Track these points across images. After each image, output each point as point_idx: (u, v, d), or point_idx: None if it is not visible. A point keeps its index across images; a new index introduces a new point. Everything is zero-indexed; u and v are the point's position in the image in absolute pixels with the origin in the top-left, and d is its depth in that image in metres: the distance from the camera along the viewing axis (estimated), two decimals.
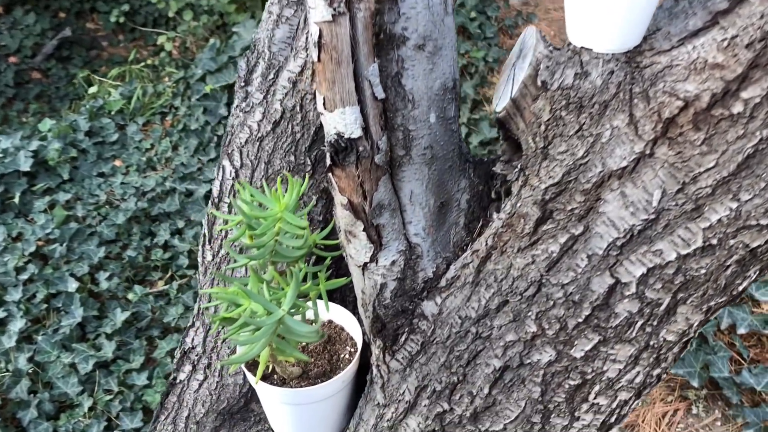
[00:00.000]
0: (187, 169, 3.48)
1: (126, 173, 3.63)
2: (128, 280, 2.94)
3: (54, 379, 2.47)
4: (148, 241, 3.13)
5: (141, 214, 3.27)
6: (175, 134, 3.78)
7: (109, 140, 3.87)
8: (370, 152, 0.94)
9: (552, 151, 0.85)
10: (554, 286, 0.86)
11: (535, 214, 0.87)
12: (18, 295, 2.76)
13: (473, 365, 0.93)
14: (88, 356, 2.53)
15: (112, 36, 6.88)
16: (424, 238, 1.03)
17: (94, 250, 3.02)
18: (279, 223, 0.86)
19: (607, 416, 0.94)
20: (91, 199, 3.37)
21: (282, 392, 1.04)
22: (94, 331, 2.67)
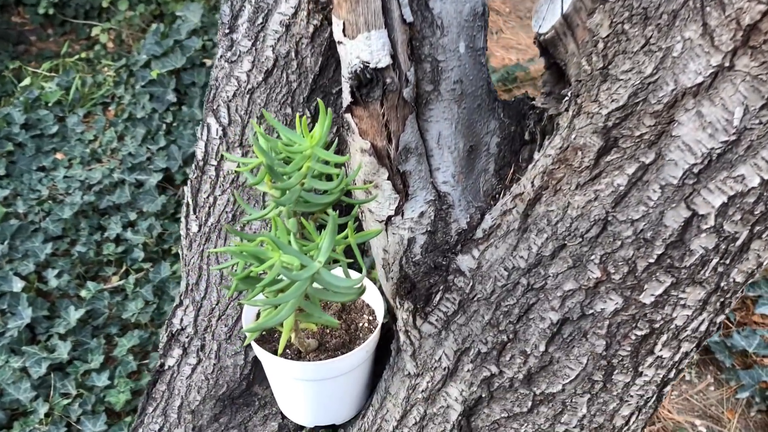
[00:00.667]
0: (136, 159, 3.28)
1: (69, 166, 3.41)
2: (80, 277, 2.75)
3: (4, 385, 2.27)
4: (99, 236, 2.93)
5: (88, 208, 3.07)
6: (119, 124, 3.56)
7: (48, 133, 3.63)
8: (398, 84, 0.83)
9: (614, 71, 0.75)
10: (622, 224, 0.76)
11: (596, 143, 0.76)
12: None
13: (525, 321, 0.83)
14: (41, 359, 2.33)
15: (40, 30, 6.54)
16: (454, 186, 0.92)
17: (40, 247, 2.81)
18: (308, 163, 0.73)
19: (668, 371, 0.85)
20: (32, 194, 3.15)
21: (302, 367, 0.91)
22: (46, 332, 2.47)
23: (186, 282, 1.14)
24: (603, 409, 0.85)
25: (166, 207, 3.03)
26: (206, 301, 1.11)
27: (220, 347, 1.10)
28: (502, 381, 0.85)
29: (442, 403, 0.90)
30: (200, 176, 1.16)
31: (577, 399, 0.84)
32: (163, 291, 2.63)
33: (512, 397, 0.85)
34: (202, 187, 1.16)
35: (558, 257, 0.80)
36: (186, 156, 3.23)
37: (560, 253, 0.80)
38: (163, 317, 2.54)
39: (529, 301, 0.83)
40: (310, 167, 0.73)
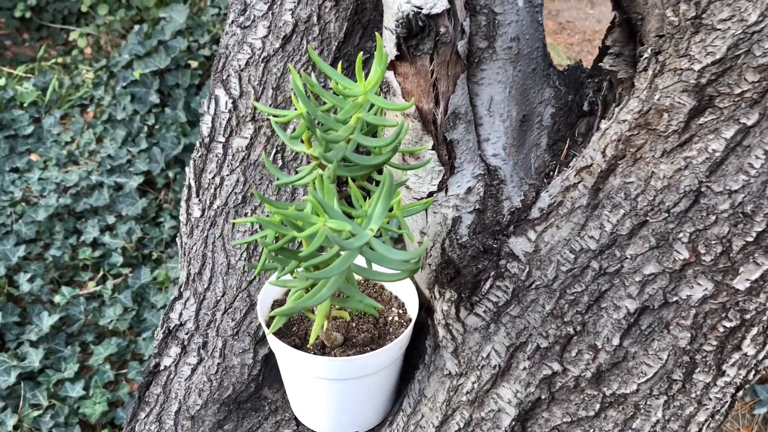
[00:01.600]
0: (116, 161, 3.13)
1: (44, 168, 3.25)
2: (53, 282, 2.58)
3: None
4: (75, 240, 2.78)
5: (64, 211, 2.91)
6: (98, 126, 3.41)
7: (22, 133, 3.47)
8: (452, 35, 0.72)
9: (708, 20, 0.65)
10: (718, 196, 0.65)
11: (687, 103, 0.66)
12: None
13: (596, 310, 0.72)
14: (10, 367, 2.17)
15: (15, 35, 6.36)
16: (505, 160, 0.81)
17: (11, 249, 2.65)
18: (358, 113, 0.61)
19: (748, 371, 0.74)
20: (4, 196, 2.98)
21: (327, 363, 0.79)
22: (16, 338, 2.31)
23: (187, 272, 1.01)
24: (678, 413, 0.73)
25: (147, 210, 2.88)
26: (210, 292, 0.99)
27: (226, 344, 0.97)
28: (566, 380, 0.74)
29: (491, 406, 0.78)
30: (205, 155, 1.04)
31: (651, 401, 0.72)
32: (143, 297, 2.48)
33: (577, 399, 0.74)
34: (207, 166, 1.04)
35: (637, 236, 0.70)
36: (169, 159, 3.09)
37: (640, 231, 0.69)
38: (143, 324, 2.39)
39: (601, 288, 0.71)
40: (361, 119, 0.62)
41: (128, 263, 2.65)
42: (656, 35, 0.71)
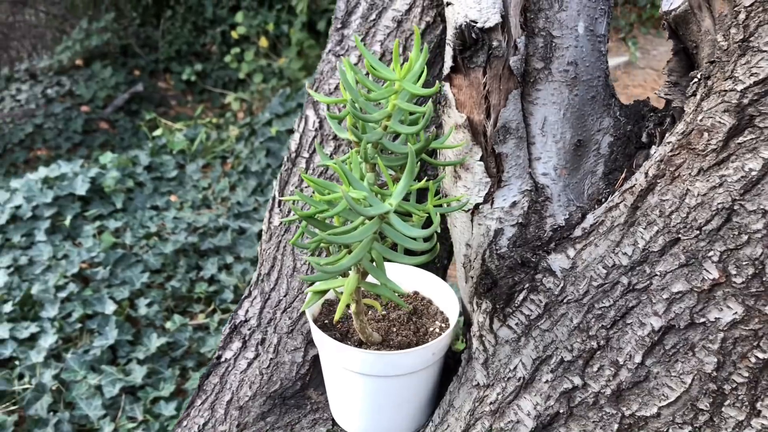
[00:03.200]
0: (243, 207, 3.35)
1: (180, 208, 3.52)
2: (168, 310, 2.76)
3: (77, 399, 2.26)
4: (194, 274, 2.97)
5: (190, 248, 3.13)
6: (234, 175, 3.68)
7: (167, 176, 3.79)
8: (505, 50, 0.76)
9: (756, 43, 0.65)
10: (751, 215, 0.64)
11: (727, 123, 0.66)
12: (54, 312, 2.60)
13: (621, 326, 0.71)
14: (116, 379, 2.32)
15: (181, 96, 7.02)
16: (555, 180, 0.82)
17: (138, 276, 2.87)
18: (394, 99, 0.67)
19: None
20: (141, 229, 3.25)
21: (360, 356, 0.81)
22: (126, 355, 2.48)
23: (258, 273, 1.08)
24: None
25: None
26: (275, 292, 1.05)
27: (280, 341, 1.02)
28: (586, 396, 0.72)
29: (511, 417, 0.77)
30: (290, 169, 1.12)
31: (674, 430, 0.69)
32: None
33: (595, 417, 0.72)
34: (291, 179, 1.12)
35: (668, 253, 0.69)
36: None
37: (672, 249, 0.69)
38: None
39: (629, 304, 0.71)
40: (396, 105, 0.67)
41: (237, 300, 2.80)
42: (708, 61, 0.72)
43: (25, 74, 6.74)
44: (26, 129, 5.77)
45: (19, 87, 6.49)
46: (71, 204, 3.37)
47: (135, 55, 6.97)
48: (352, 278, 0.72)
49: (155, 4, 6.72)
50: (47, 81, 6.51)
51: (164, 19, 6.85)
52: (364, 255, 0.66)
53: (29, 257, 2.98)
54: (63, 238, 3.22)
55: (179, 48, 6.82)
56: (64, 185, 3.36)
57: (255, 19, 6.06)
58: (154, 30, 7.01)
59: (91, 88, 6.51)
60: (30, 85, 6.52)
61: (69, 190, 3.37)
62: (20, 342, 2.48)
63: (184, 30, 6.79)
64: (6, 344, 2.46)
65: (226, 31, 6.46)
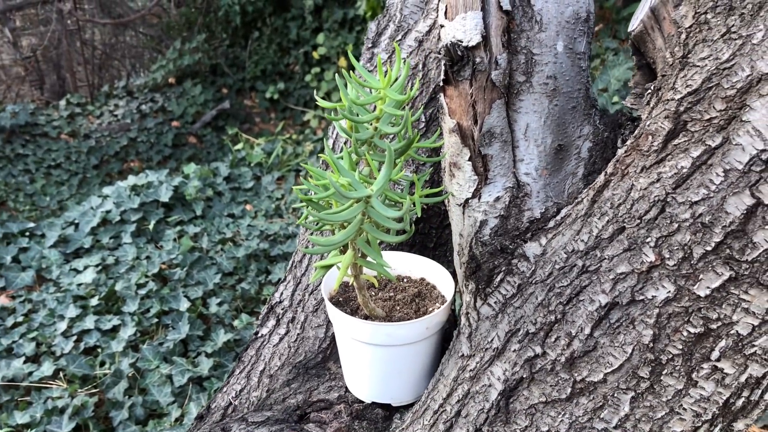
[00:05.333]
0: None
1: (254, 217, 3.75)
2: (237, 309, 2.97)
3: (150, 386, 2.48)
4: (263, 278, 3.17)
5: (261, 253, 3.33)
6: None
7: (244, 187, 4.03)
8: (487, 66, 0.89)
9: (692, 58, 0.76)
10: (680, 206, 0.74)
11: (666, 127, 0.77)
12: (134, 307, 2.84)
13: (575, 302, 0.81)
14: (185, 370, 2.53)
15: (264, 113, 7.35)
16: (536, 179, 0.94)
17: (211, 277, 3.09)
18: (380, 104, 0.80)
19: (733, 394, 0.78)
20: (217, 235, 3.48)
21: (363, 326, 0.95)
22: (196, 349, 2.69)
23: (292, 260, 1.23)
24: (649, 415, 0.79)
25: None
26: (305, 277, 1.19)
27: (306, 319, 1.16)
28: (545, 363, 0.83)
29: (485, 381, 0.89)
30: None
31: (620, 395, 0.79)
32: None
33: (552, 381, 0.83)
34: None
35: (615, 239, 0.79)
36: None
37: (618, 236, 0.79)
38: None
39: (582, 283, 0.81)
40: (383, 111, 0.80)
41: None
42: (660, 74, 0.83)
43: (122, 91, 7.24)
44: (121, 142, 6.21)
45: (116, 103, 6.98)
46: (155, 210, 3.64)
47: (223, 74, 7.37)
48: (348, 254, 0.86)
49: (243, 26, 7.09)
50: (142, 98, 6.97)
51: (251, 40, 7.22)
52: (355, 232, 0.80)
53: (116, 257, 3.25)
54: (147, 240, 3.49)
55: (264, 67, 7.17)
56: (149, 192, 3.64)
57: (335, 40, 6.31)
58: (242, 50, 7.39)
59: (181, 105, 6.92)
60: (126, 101, 6.99)
61: (154, 197, 3.64)
62: (103, 333, 2.73)
63: (270, 50, 7.14)
64: (91, 334, 2.71)
65: (309, 51, 6.75)
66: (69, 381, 2.53)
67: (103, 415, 2.47)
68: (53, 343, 2.66)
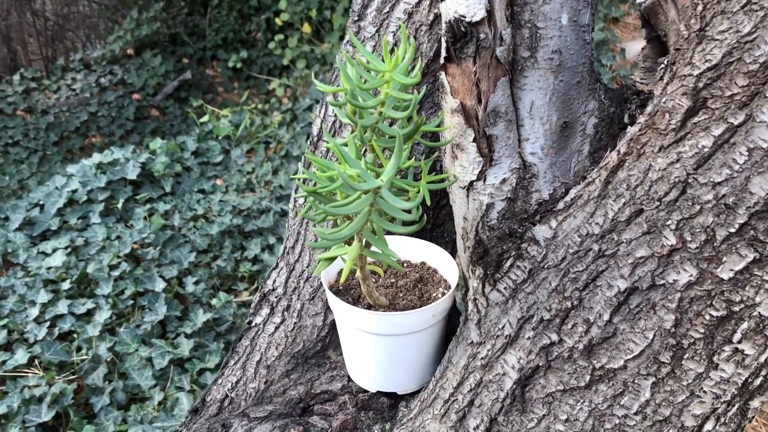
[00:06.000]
0: (285, 190, 3.48)
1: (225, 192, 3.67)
2: (214, 288, 2.92)
3: (130, 370, 2.43)
4: (239, 254, 3.12)
5: (234, 229, 3.28)
6: (276, 160, 3.82)
7: (213, 161, 3.95)
8: (491, 42, 0.85)
9: (710, 32, 0.73)
10: (702, 187, 0.72)
11: (685, 105, 0.74)
12: (108, 289, 2.77)
13: (592, 288, 0.79)
14: (165, 352, 2.48)
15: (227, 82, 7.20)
16: (542, 159, 0.91)
17: (185, 256, 3.02)
18: (386, 88, 0.76)
19: (752, 374, 0.77)
20: (188, 211, 3.41)
21: (367, 317, 0.92)
22: (175, 330, 2.64)
23: (284, 246, 1.19)
24: (670, 399, 0.78)
25: None
26: (298, 263, 1.16)
27: (303, 307, 1.13)
28: (562, 350, 0.81)
29: (498, 370, 0.86)
30: (313, 151, 1.22)
31: (640, 381, 0.78)
32: None
33: (570, 369, 0.81)
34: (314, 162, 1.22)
35: (633, 222, 0.77)
36: None
37: (636, 218, 0.77)
38: None
39: (599, 268, 0.79)
40: (389, 94, 0.76)
41: None
42: (674, 48, 0.79)
43: (79, 64, 7.01)
44: (81, 117, 6.03)
45: (74, 77, 6.76)
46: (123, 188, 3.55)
47: (183, 44, 7.18)
48: (354, 246, 0.82)
49: None
50: (100, 70, 6.77)
51: (211, 7, 7.03)
52: (362, 225, 0.76)
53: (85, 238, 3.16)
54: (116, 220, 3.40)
55: (226, 36, 7.00)
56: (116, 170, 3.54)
57: (298, 6, 6.17)
58: (202, 18, 7.20)
59: (141, 77, 6.74)
60: (84, 75, 6.78)
61: (121, 174, 3.55)
62: (78, 317, 2.66)
63: (230, 18, 6.96)
64: (65, 319, 2.64)
65: (271, 18, 6.59)
66: (45, 368, 2.47)
67: (83, 402, 2.41)
68: (26, 329, 2.58)
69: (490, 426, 0.86)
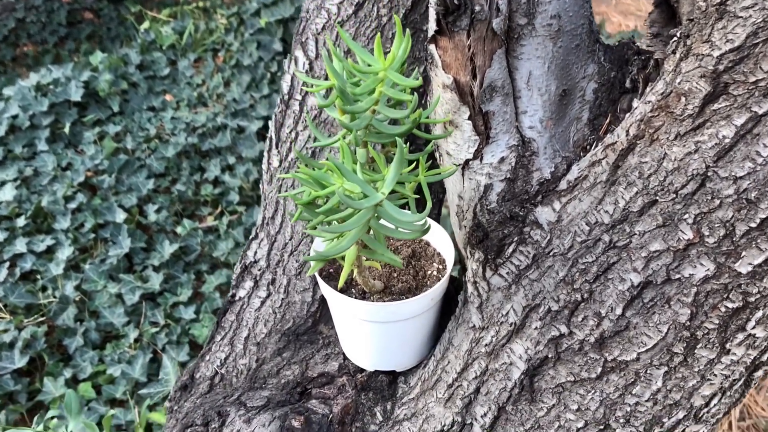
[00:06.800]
0: (239, 105, 3.34)
1: (177, 108, 3.51)
2: (177, 214, 2.84)
3: (100, 308, 2.38)
4: (198, 176, 3.02)
5: (191, 149, 3.16)
6: (227, 70, 3.63)
7: (160, 74, 3.74)
8: (487, 13, 0.77)
9: (732, 7, 0.66)
10: (723, 181, 0.68)
11: (704, 89, 0.68)
12: (66, 223, 2.67)
13: (603, 281, 0.76)
14: (135, 287, 2.43)
15: None
16: (541, 133, 0.85)
17: (143, 182, 2.92)
18: (380, 87, 0.69)
19: (760, 352, 0.76)
20: (140, 132, 3.26)
21: (364, 307, 0.88)
22: (142, 263, 2.57)
23: (263, 216, 1.13)
24: (681, 385, 0.77)
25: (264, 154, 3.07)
26: (280, 235, 1.10)
27: (290, 282, 1.09)
28: (572, 342, 0.79)
29: (504, 359, 0.85)
30: (284, 110, 1.14)
31: (652, 371, 0.77)
32: None
33: (581, 361, 0.79)
34: (286, 121, 1.14)
35: (647, 214, 0.73)
36: None
37: (650, 210, 0.73)
38: None
39: (610, 260, 0.76)
40: (383, 93, 0.69)
41: (244, 202, 2.86)
42: (687, 19, 0.73)
43: None
44: (9, 24, 5.62)
45: None
46: (68, 111, 3.36)
47: None
48: (352, 250, 0.77)
49: None
50: None
51: None
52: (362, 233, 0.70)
53: (34, 168, 3.02)
54: (65, 146, 3.24)
55: None
56: (58, 92, 3.34)
57: None
58: None
59: None
60: None
61: (64, 96, 3.35)
62: (38, 255, 2.58)
63: None
64: (25, 258, 2.55)
65: None
66: (12, 312, 2.41)
67: (56, 344, 2.37)
68: None
69: (499, 414, 0.86)
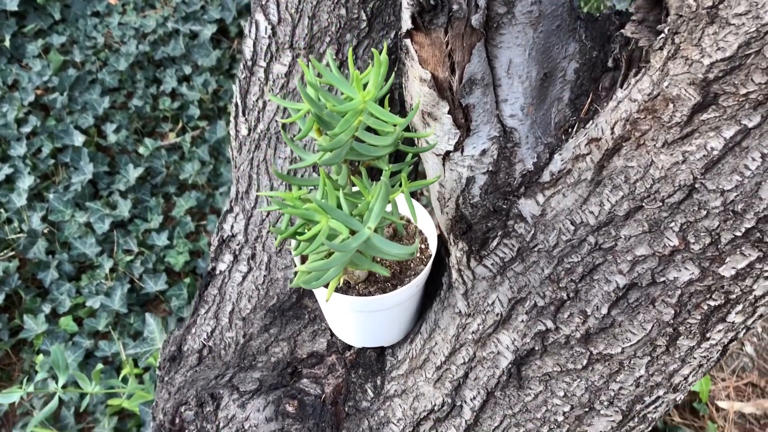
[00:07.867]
0: (189, 7, 3.16)
1: (123, 12, 3.31)
2: (137, 132, 2.75)
3: (71, 239, 2.34)
4: (154, 89, 2.90)
5: (144, 59, 3.01)
6: None
7: None
8: (466, 11, 0.72)
9: (724, 13, 0.63)
10: (711, 193, 0.67)
11: (692, 98, 0.66)
12: (22, 149, 2.58)
13: (589, 281, 0.77)
14: (104, 215, 2.39)
15: None
16: (522, 120, 0.83)
17: (98, 99, 2.80)
18: (360, 117, 0.66)
19: (737, 333, 0.79)
20: (87, 42, 3.09)
21: (350, 301, 0.88)
22: (107, 188, 2.52)
23: (236, 189, 1.10)
24: (662, 369, 0.80)
25: (221, 62, 2.95)
26: (256, 210, 1.08)
27: (271, 260, 1.08)
28: (558, 337, 0.81)
29: (492, 348, 0.87)
30: (249, 77, 1.08)
31: (636, 361, 0.79)
32: (219, 152, 2.62)
33: (567, 354, 0.82)
34: (251, 89, 1.09)
35: (633, 219, 0.73)
36: (240, 7, 3.09)
37: (636, 215, 0.72)
38: (220, 179, 2.55)
39: (595, 261, 0.76)
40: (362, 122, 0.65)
41: (205, 116, 2.78)
42: (676, 14, 0.69)
43: None
44: None
45: None
46: (6, 21, 3.16)
47: None
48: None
49: None
50: None
51: None
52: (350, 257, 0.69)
53: None
54: (7, 61, 3.08)
55: None
56: None
57: None
58: None
59: None
60: None
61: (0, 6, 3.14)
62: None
63: None
64: None
65: None
66: None
67: (30, 278, 2.36)
68: None
69: (487, 398, 0.89)
